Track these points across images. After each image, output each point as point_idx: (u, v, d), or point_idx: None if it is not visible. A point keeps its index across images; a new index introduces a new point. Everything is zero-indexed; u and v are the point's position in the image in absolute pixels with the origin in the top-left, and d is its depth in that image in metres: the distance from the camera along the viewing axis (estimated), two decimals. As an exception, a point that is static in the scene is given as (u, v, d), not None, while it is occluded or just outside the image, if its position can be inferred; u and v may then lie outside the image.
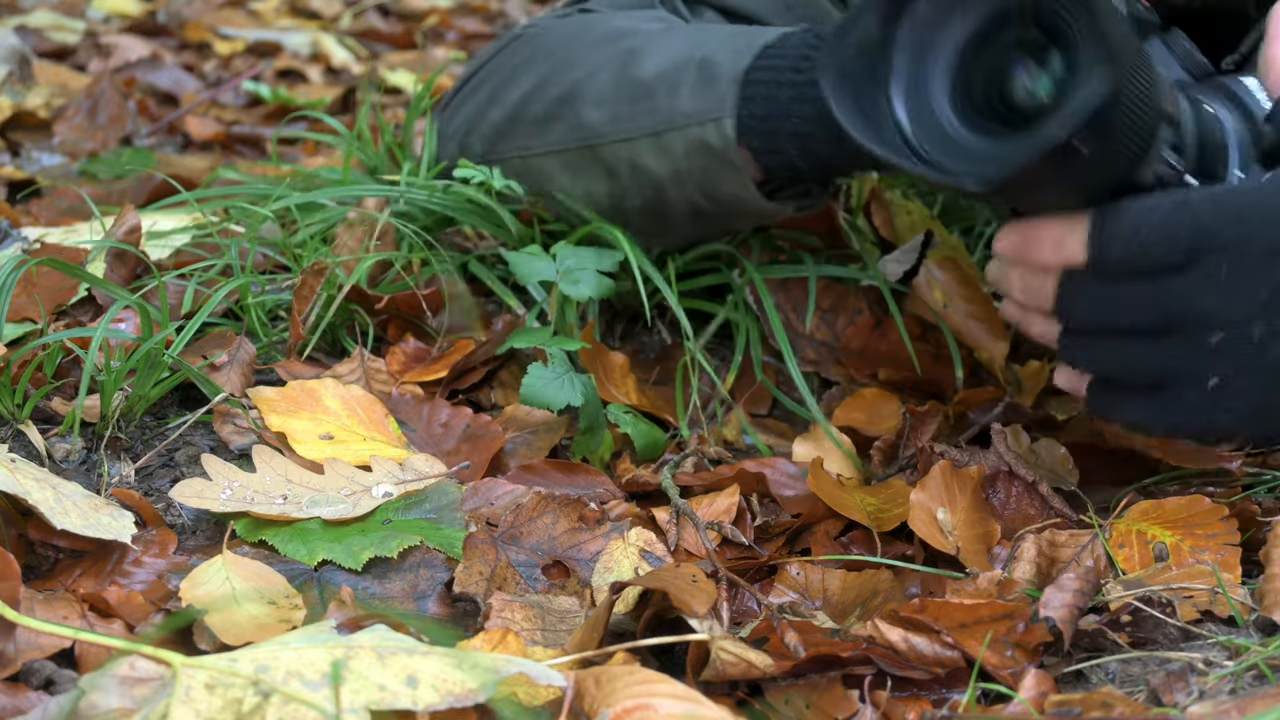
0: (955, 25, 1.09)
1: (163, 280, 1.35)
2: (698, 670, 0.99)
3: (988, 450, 1.26)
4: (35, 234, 1.62)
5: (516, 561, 1.14)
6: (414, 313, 1.45)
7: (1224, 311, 1.05)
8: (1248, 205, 1.05)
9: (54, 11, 3.13)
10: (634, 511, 1.22)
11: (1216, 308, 1.05)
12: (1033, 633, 0.99)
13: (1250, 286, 1.05)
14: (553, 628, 1.07)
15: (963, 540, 1.17)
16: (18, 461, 1.14)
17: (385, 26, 3.54)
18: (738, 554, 1.19)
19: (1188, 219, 1.05)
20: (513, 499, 1.20)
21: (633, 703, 0.87)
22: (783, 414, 1.47)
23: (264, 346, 1.40)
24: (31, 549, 1.12)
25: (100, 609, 1.05)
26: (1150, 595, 1.04)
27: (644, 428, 1.36)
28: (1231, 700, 0.92)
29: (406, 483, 1.22)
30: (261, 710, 0.83)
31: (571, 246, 1.41)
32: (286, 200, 1.53)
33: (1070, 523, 1.18)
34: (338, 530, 1.16)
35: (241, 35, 3.07)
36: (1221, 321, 1.05)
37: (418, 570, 1.13)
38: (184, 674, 0.86)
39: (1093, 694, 0.93)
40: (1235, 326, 1.05)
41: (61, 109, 2.35)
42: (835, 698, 0.98)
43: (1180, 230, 1.05)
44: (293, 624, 1.03)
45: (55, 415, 1.27)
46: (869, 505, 1.22)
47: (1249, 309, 1.05)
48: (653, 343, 1.54)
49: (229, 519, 1.16)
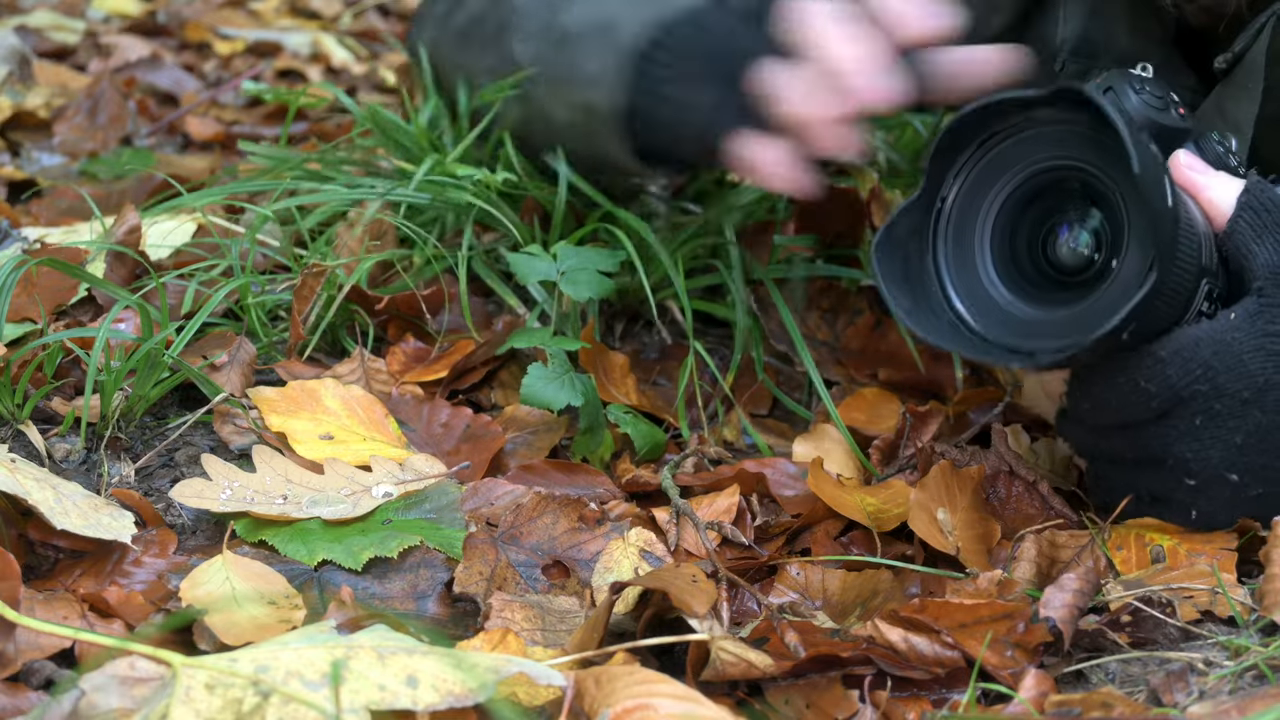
0: (995, 194, 1.14)
1: (162, 280, 1.35)
2: (698, 670, 0.99)
3: (988, 450, 1.26)
4: (35, 234, 1.62)
5: (516, 561, 1.14)
6: (414, 313, 1.45)
7: (1200, 459, 1.09)
8: (1213, 355, 1.07)
9: (54, 11, 3.13)
10: (634, 511, 1.22)
11: (1193, 455, 1.09)
12: (1033, 633, 0.99)
13: (1225, 433, 1.08)
14: (553, 628, 1.07)
15: (963, 540, 1.17)
16: (18, 461, 1.14)
17: (385, 26, 3.53)
18: (738, 554, 1.19)
19: (1157, 379, 1.07)
20: (513, 499, 1.20)
21: (633, 703, 0.87)
22: (783, 414, 1.47)
23: (264, 346, 1.40)
24: (31, 549, 1.12)
25: (100, 609, 1.05)
26: (1150, 595, 1.04)
27: (644, 428, 1.36)
28: (1231, 700, 0.92)
29: (406, 483, 1.22)
30: (261, 710, 0.83)
31: (572, 246, 1.41)
32: (288, 202, 1.53)
33: (1070, 523, 1.18)
34: (338, 530, 1.16)
35: (241, 35, 3.06)
36: (1198, 469, 1.09)
37: (418, 570, 1.13)
38: (184, 674, 0.86)
39: (1093, 694, 0.93)
40: (1213, 470, 1.09)
41: (61, 109, 2.35)
42: (835, 698, 0.98)
43: (1150, 391, 1.07)
44: (293, 624, 1.02)
45: (55, 415, 1.27)
46: (869, 505, 1.22)
47: (1226, 454, 1.08)
48: (653, 342, 1.54)
49: (229, 519, 1.16)
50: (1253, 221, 1.10)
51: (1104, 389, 1.09)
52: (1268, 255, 1.09)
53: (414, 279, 1.47)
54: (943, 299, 1.13)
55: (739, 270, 1.47)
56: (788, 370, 1.51)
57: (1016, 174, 1.13)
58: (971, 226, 1.14)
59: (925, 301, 1.13)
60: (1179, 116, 1.16)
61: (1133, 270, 1.06)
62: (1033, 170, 1.12)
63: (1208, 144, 1.17)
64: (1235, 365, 1.06)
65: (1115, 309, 1.04)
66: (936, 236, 1.14)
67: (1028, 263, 1.14)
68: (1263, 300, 1.08)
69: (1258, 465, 1.08)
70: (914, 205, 1.14)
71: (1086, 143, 1.09)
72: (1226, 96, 1.28)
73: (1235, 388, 1.06)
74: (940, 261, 1.14)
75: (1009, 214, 1.13)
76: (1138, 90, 1.14)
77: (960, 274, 1.13)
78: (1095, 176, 1.10)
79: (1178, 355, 1.06)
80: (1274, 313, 1.07)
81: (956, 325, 1.12)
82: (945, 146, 1.13)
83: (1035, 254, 1.13)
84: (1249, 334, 1.07)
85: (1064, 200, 1.12)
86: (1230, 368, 1.06)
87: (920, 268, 1.13)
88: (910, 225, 1.13)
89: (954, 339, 1.12)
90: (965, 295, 1.13)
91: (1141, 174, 1.02)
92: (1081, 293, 1.10)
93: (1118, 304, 1.04)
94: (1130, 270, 1.06)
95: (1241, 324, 1.07)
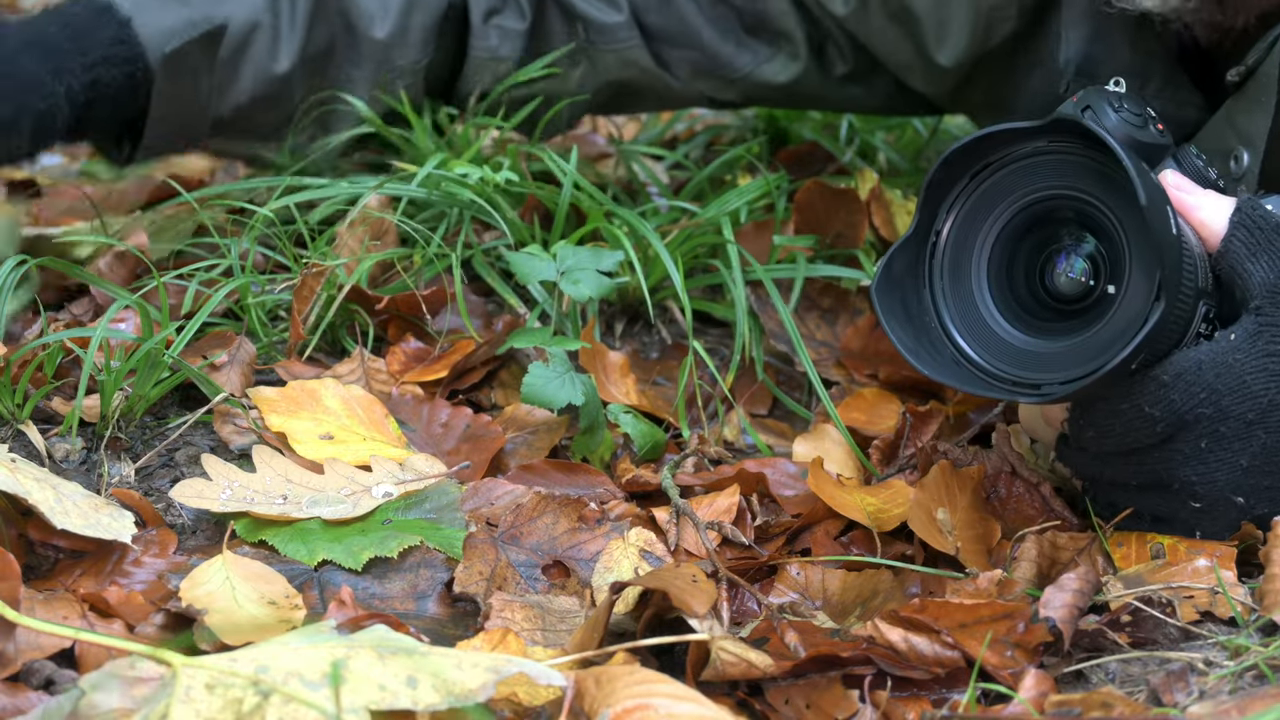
0: (990, 226, 1.13)
1: (162, 280, 1.35)
2: (698, 670, 0.99)
3: (988, 450, 1.26)
4: (35, 234, 1.62)
5: (516, 561, 1.14)
6: (414, 313, 1.45)
7: (1206, 482, 1.08)
8: (1216, 378, 1.06)
9: (54, 11, 3.12)
10: (634, 511, 1.22)
11: (1199, 478, 1.09)
12: (1033, 633, 0.99)
13: (1231, 456, 1.08)
14: (553, 628, 1.07)
15: (963, 540, 1.17)
16: (18, 461, 1.14)
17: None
18: (738, 554, 1.19)
19: (1161, 404, 1.07)
20: (513, 499, 1.20)
21: (633, 703, 0.87)
22: (783, 414, 1.47)
23: (264, 346, 1.40)
24: (31, 549, 1.12)
25: (100, 609, 1.05)
26: (1150, 595, 1.04)
27: (644, 428, 1.36)
28: (1231, 700, 0.92)
29: (406, 483, 1.22)
30: (261, 710, 0.83)
31: (571, 246, 1.41)
32: (288, 199, 1.53)
33: (1071, 526, 1.18)
34: (338, 530, 1.16)
35: None
36: (1204, 492, 1.09)
37: (418, 570, 1.13)
38: (184, 674, 0.86)
39: (1093, 694, 0.93)
40: (1219, 493, 1.09)
41: (61, 109, 2.34)
42: (835, 698, 0.98)
43: (1154, 416, 1.07)
44: (293, 624, 1.03)
45: (55, 415, 1.27)
46: (869, 505, 1.22)
47: (1232, 476, 1.08)
48: (653, 342, 1.54)
49: (229, 519, 1.16)
50: (1246, 240, 1.09)
51: (1107, 416, 1.09)
52: (1263, 273, 1.08)
53: (414, 279, 1.47)
54: (943, 334, 1.13)
55: (739, 270, 1.48)
56: (788, 370, 1.51)
57: (1011, 205, 1.12)
58: (968, 260, 1.14)
59: (926, 338, 1.13)
60: (1158, 133, 1.16)
61: (1137, 297, 1.05)
62: (1027, 200, 1.12)
63: (1186, 158, 1.17)
64: (1239, 387, 1.06)
65: (1123, 338, 1.04)
66: (932, 272, 1.14)
67: (1026, 293, 1.13)
68: (1261, 319, 1.07)
69: (1263, 487, 1.08)
70: (908, 242, 1.13)
71: (1081, 171, 1.09)
72: (1238, 110, 1.28)
73: (1239, 409, 1.06)
74: (938, 297, 1.14)
75: (1005, 245, 1.13)
76: (1116, 108, 1.14)
77: (959, 308, 1.13)
78: (1090, 204, 1.10)
79: (1180, 379, 1.06)
80: (1274, 332, 1.07)
81: (959, 361, 1.12)
82: (938, 180, 1.12)
83: (1033, 284, 1.13)
84: (1250, 354, 1.07)
85: (1059, 229, 1.12)
86: (1234, 389, 1.06)
87: (919, 304, 1.13)
88: (906, 262, 1.13)
89: (958, 375, 1.11)
90: (965, 329, 1.13)
91: (1149, 205, 1.02)
92: (1083, 322, 1.10)
93: (1126, 333, 1.04)
94: (1135, 298, 1.05)
95: (1242, 345, 1.07)
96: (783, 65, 1.59)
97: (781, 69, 1.60)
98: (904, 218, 1.61)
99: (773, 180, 1.61)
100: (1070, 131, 1.08)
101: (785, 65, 1.59)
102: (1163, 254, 1.03)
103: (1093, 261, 1.11)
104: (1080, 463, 1.14)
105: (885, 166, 1.89)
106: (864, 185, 1.62)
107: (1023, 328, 1.12)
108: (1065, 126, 1.08)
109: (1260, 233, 1.09)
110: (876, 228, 1.59)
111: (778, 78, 1.60)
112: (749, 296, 1.48)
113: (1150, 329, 1.02)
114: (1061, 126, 1.08)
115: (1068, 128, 1.08)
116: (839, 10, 1.52)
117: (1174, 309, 1.04)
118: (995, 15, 1.45)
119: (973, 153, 1.12)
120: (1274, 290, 1.08)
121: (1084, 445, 1.12)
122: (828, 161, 1.84)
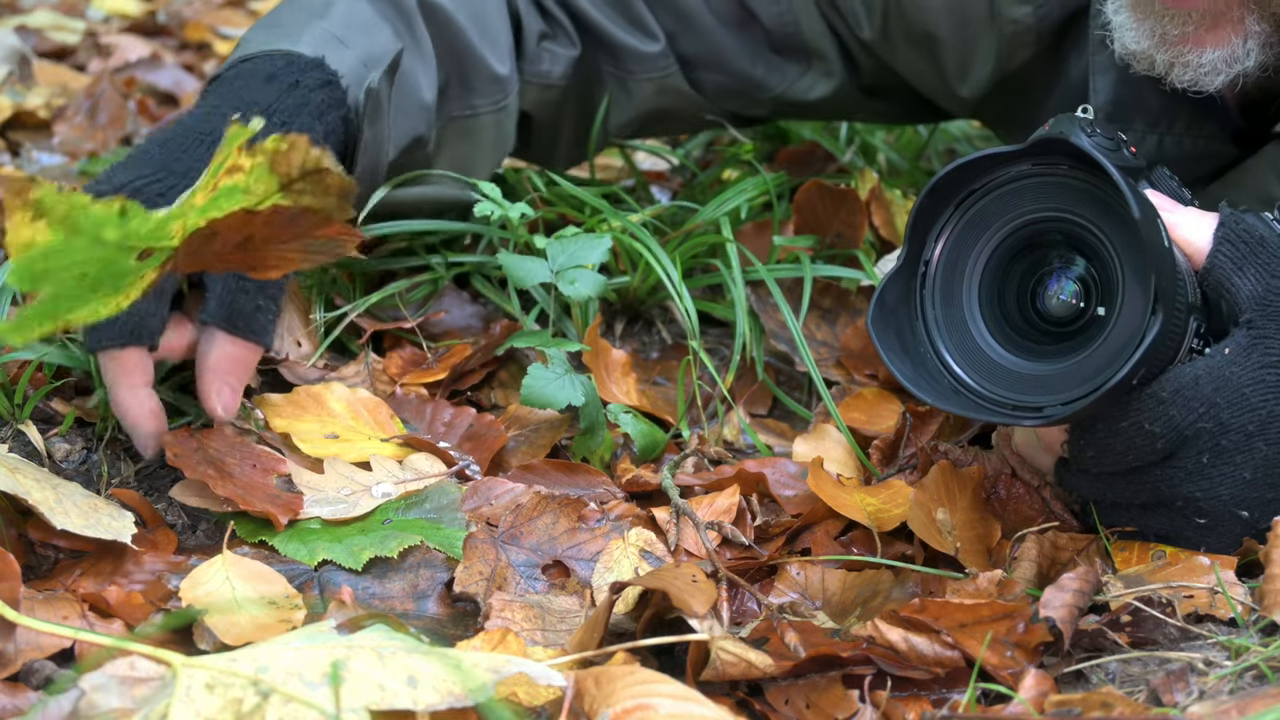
0: (980, 251, 1.14)
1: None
2: (698, 670, 0.99)
3: (988, 451, 1.26)
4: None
5: (516, 561, 1.14)
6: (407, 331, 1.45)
7: (1210, 497, 1.08)
8: (1214, 391, 1.06)
9: (54, 11, 3.13)
10: (634, 511, 1.22)
11: (1203, 494, 1.08)
12: (1033, 633, 0.99)
13: (1234, 469, 1.07)
14: (553, 628, 1.07)
15: (962, 540, 1.17)
16: (18, 461, 1.14)
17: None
18: (738, 554, 1.19)
19: (1161, 420, 1.06)
20: (513, 498, 1.20)
21: (633, 703, 0.87)
22: (783, 414, 1.47)
23: (264, 346, 1.40)
24: (31, 549, 1.12)
25: (100, 609, 1.05)
26: (1150, 595, 1.04)
27: (644, 428, 1.36)
28: (1231, 700, 0.92)
29: (406, 482, 1.22)
30: (261, 710, 0.83)
31: (559, 241, 1.40)
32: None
33: (1071, 525, 1.18)
34: (338, 530, 1.16)
35: (241, 35, 3.06)
36: (1209, 508, 1.09)
37: (418, 570, 1.13)
38: (184, 674, 0.86)
39: (1093, 694, 0.93)
40: (1224, 508, 1.09)
41: (61, 109, 2.35)
42: (835, 698, 0.98)
43: (1155, 433, 1.07)
44: (293, 624, 1.03)
45: (55, 415, 1.27)
46: (869, 505, 1.22)
47: (1235, 490, 1.08)
48: (653, 342, 1.54)
49: (229, 519, 1.16)
50: (1232, 254, 1.09)
51: (1107, 435, 1.08)
52: (1251, 286, 1.08)
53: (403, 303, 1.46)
54: (938, 363, 1.13)
55: (739, 270, 1.47)
56: (788, 370, 1.51)
57: (998, 230, 1.12)
58: (959, 286, 1.14)
59: (923, 366, 1.13)
60: (1131, 155, 1.16)
61: (1133, 314, 1.05)
62: (1015, 225, 1.12)
63: (1161, 179, 1.18)
64: (1237, 399, 1.06)
65: (1123, 354, 1.04)
66: (924, 301, 1.14)
67: (1018, 317, 1.14)
68: (1253, 332, 1.07)
69: (1267, 499, 1.08)
70: (899, 272, 1.13)
71: (1067, 192, 1.09)
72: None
73: (1239, 422, 1.06)
74: (931, 326, 1.14)
75: (995, 270, 1.13)
76: (1089, 133, 1.14)
77: (953, 335, 1.13)
78: (1078, 225, 1.10)
79: (1179, 394, 1.06)
80: (1268, 344, 1.07)
81: (957, 388, 1.12)
82: (925, 208, 1.12)
83: (1025, 308, 1.13)
84: (1245, 367, 1.07)
85: (1048, 252, 1.12)
86: (1232, 402, 1.06)
87: (913, 335, 1.13)
88: (898, 293, 1.13)
89: (956, 402, 1.11)
90: (961, 356, 1.13)
91: (1142, 218, 1.02)
92: (1077, 344, 1.10)
93: (1125, 349, 1.04)
94: (1130, 314, 1.05)
95: (1237, 358, 1.07)
96: (814, 82, 1.59)
97: (812, 86, 1.59)
98: (903, 217, 1.61)
99: (772, 180, 1.61)
100: (1055, 152, 1.08)
101: (816, 82, 1.58)
102: (1158, 265, 1.03)
103: (1083, 283, 1.11)
104: (1082, 486, 1.14)
105: (885, 166, 1.89)
106: (864, 185, 1.62)
107: (1017, 351, 1.12)
108: (1051, 147, 1.08)
109: (1245, 246, 1.09)
110: (876, 228, 1.59)
111: (809, 95, 1.59)
112: (749, 296, 1.48)
113: (1151, 342, 1.02)
114: (1047, 148, 1.08)
115: (1053, 148, 1.08)
116: (866, 35, 1.52)
117: (1171, 322, 1.04)
118: (1016, 41, 1.45)
119: (957, 180, 1.12)
120: (1263, 302, 1.08)
121: (1085, 467, 1.12)
122: (828, 161, 1.84)
